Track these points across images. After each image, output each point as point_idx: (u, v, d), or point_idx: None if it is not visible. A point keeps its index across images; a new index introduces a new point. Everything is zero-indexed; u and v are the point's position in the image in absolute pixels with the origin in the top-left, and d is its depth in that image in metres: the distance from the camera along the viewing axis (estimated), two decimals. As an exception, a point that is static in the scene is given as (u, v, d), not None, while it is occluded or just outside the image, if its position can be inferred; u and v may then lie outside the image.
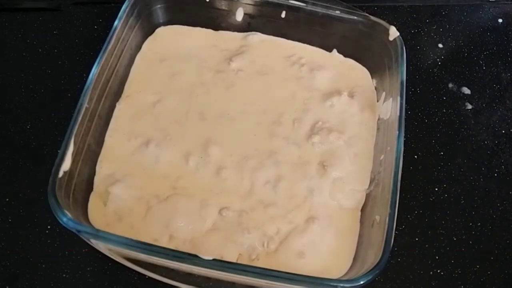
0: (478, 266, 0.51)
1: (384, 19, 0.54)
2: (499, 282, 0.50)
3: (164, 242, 0.46)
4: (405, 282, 0.50)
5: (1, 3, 0.65)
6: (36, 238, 0.50)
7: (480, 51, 0.64)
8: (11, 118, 0.56)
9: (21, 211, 0.51)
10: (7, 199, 0.52)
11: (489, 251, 0.52)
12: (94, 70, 0.48)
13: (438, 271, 0.50)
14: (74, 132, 0.45)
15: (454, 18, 0.67)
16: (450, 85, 0.61)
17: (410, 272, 0.50)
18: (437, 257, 0.51)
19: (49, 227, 0.50)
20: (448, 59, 0.63)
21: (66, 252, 0.49)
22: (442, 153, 0.57)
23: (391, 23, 0.53)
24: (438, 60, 0.63)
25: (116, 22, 0.51)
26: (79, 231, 0.41)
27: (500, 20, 0.67)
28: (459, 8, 0.67)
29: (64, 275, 0.48)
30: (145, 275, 0.47)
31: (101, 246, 0.43)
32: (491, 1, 0.68)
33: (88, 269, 0.49)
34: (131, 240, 0.40)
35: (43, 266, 0.49)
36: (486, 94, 0.62)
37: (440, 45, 0.64)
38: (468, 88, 0.61)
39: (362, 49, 0.57)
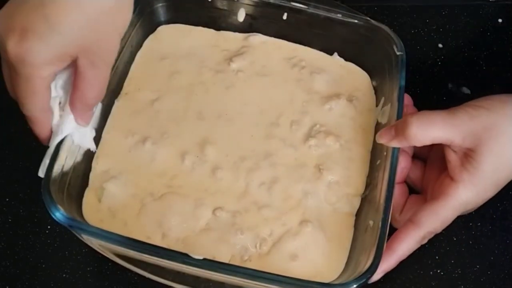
0: (478, 266, 0.51)
1: (384, 19, 0.54)
2: (499, 282, 0.50)
3: (156, 240, 0.46)
4: (405, 282, 0.50)
5: (2, 3, 0.65)
6: (36, 238, 0.50)
7: (480, 51, 0.64)
8: (11, 118, 0.56)
9: (21, 211, 0.51)
10: (7, 199, 0.52)
11: (489, 251, 0.51)
12: (94, 68, 0.48)
13: (438, 271, 0.50)
14: (71, 127, 0.45)
15: (454, 18, 0.66)
16: (450, 85, 0.61)
17: (410, 272, 0.50)
18: (437, 257, 0.51)
19: (49, 227, 0.50)
20: (448, 59, 0.63)
21: (66, 252, 0.49)
22: (442, 153, 0.57)
23: (391, 23, 0.53)
24: (438, 60, 0.63)
25: (117, 21, 0.51)
26: (71, 226, 0.41)
27: (500, 20, 0.67)
28: (459, 8, 0.67)
29: (64, 275, 0.48)
30: (144, 276, 0.47)
31: (93, 242, 0.43)
32: (491, 1, 0.68)
33: (88, 269, 0.49)
34: (122, 237, 0.40)
35: (43, 266, 0.49)
36: (486, 94, 0.61)
37: (440, 45, 0.64)
38: (468, 88, 0.61)
39: (362, 53, 0.57)
